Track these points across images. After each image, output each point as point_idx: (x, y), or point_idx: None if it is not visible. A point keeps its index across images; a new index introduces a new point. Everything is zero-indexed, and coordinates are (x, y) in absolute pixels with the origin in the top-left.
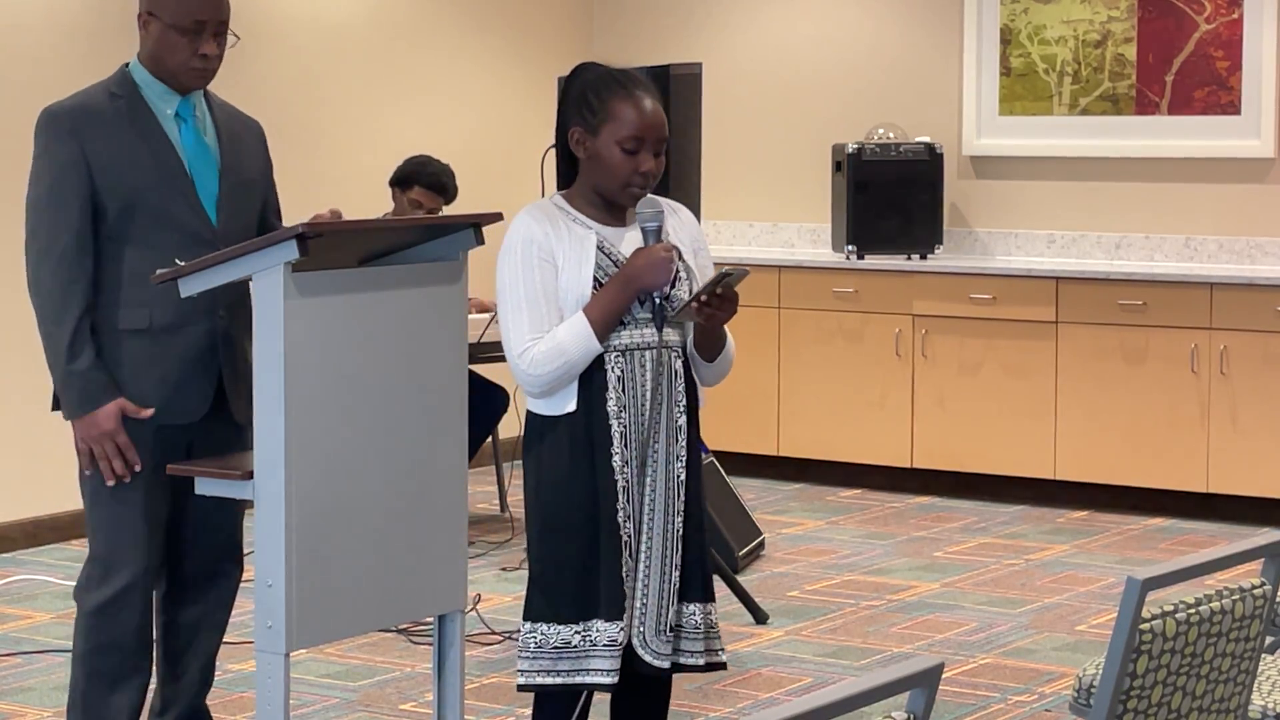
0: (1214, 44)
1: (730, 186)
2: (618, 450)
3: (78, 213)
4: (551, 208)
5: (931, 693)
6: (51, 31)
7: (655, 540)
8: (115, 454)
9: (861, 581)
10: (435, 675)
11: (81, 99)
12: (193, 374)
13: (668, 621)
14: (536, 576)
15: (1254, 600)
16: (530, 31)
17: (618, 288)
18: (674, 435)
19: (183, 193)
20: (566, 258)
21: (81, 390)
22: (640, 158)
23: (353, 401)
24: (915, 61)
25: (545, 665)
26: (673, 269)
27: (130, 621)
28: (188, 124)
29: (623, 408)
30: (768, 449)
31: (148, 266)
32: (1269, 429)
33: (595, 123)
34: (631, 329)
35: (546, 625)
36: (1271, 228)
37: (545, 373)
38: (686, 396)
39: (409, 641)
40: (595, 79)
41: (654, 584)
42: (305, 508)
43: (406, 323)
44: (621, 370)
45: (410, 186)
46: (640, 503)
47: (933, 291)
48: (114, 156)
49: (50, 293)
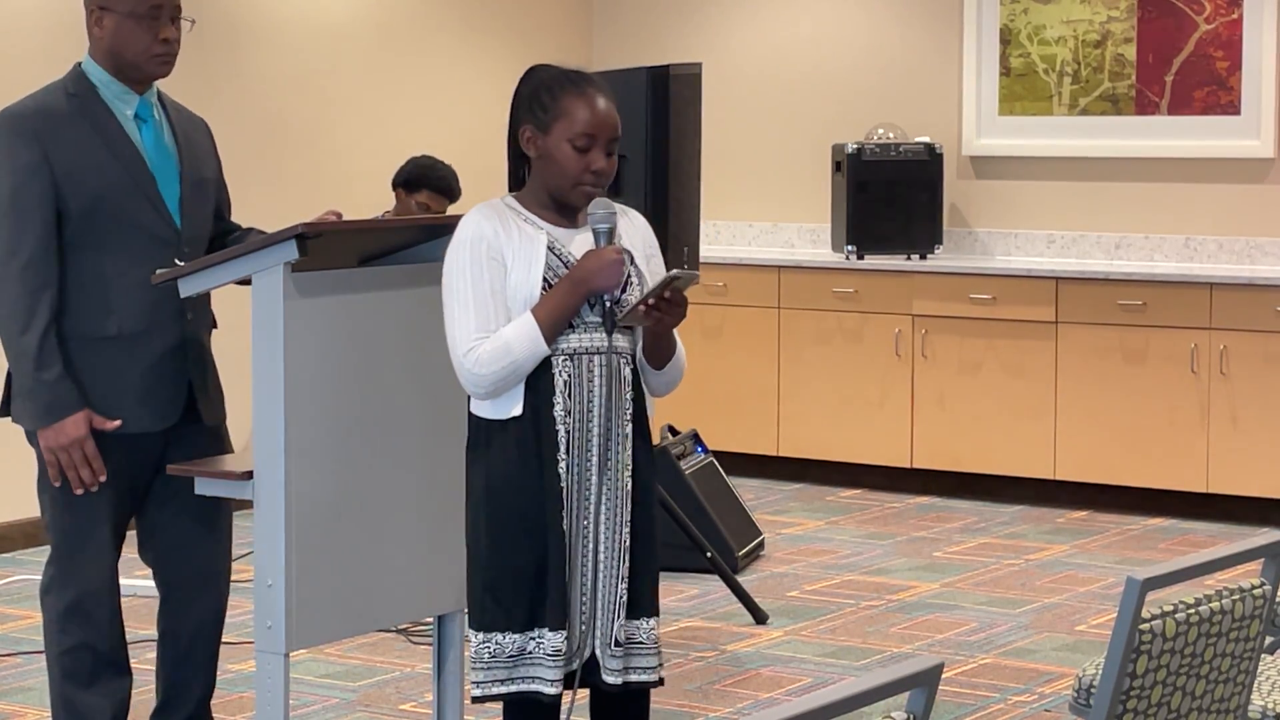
0: (1214, 44)
1: (730, 186)
2: (563, 456)
3: (41, 219)
4: (502, 207)
5: (931, 693)
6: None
7: (604, 552)
8: (83, 462)
9: (861, 581)
10: (435, 675)
11: (40, 100)
12: (163, 380)
13: (613, 636)
14: (490, 583)
15: (1254, 600)
16: (530, 32)
17: (567, 289)
18: (621, 443)
19: (147, 196)
20: (516, 257)
21: (49, 400)
22: (592, 155)
23: (352, 401)
24: (915, 61)
25: (500, 675)
26: (624, 271)
27: (100, 621)
28: (148, 125)
29: (568, 413)
30: (768, 449)
31: (112, 271)
32: (1269, 429)
33: (547, 120)
34: (580, 332)
35: (501, 634)
36: (1271, 228)
37: (490, 373)
38: (634, 405)
39: (409, 641)
40: (548, 78)
41: (604, 597)
42: (305, 507)
43: (406, 323)
44: (569, 374)
45: (418, 189)
46: (585, 511)
47: (932, 291)
48: (77, 160)
49: (15, 301)
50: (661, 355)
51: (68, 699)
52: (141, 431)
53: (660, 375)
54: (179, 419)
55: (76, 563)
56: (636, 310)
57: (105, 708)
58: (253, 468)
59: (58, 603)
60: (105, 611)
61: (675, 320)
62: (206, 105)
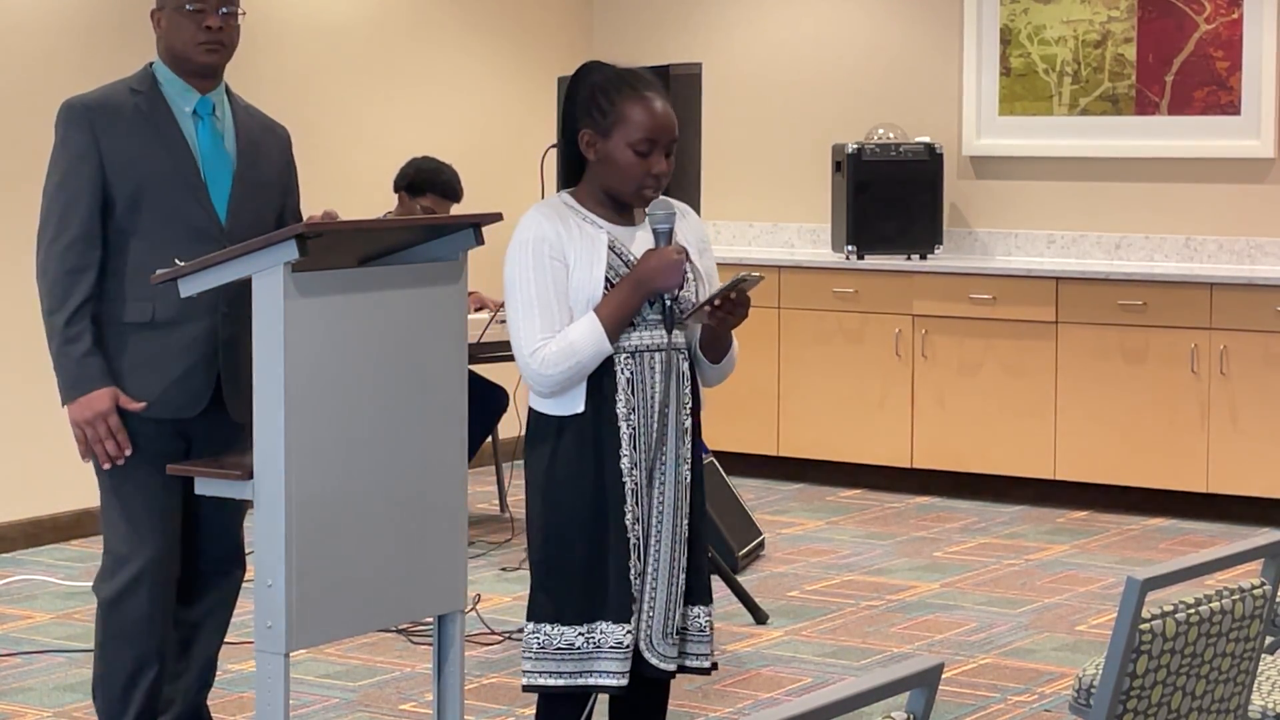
0: (1214, 44)
1: (730, 186)
2: (626, 452)
3: (87, 204)
4: (561, 206)
5: (931, 693)
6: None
7: (664, 543)
8: (107, 435)
9: (861, 581)
10: (435, 675)
11: (103, 93)
12: (192, 369)
13: (675, 624)
14: (542, 578)
15: (1254, 600)
16: (530, 31)
17: (629, 289)
18: (680, 437)
19: (193, 190)
20: (578, 257)
21: (76, 375)
22: (653, 159)
23: (353, 401)
24: (915, 61)
25: (550, 666)
26: (684, 271)
27: (137, 613)
28: (205, 122)
29: (631, 410)
30: (768, 449)
31: (153, 261)
32: (1269, 429)
33: (606, 125)
34: (641, 330)
35: (550, 626)
36: (1271, 228)
37: (556, 373)
38: (693, 399)
39: (409, 641)
40: (604, 80)
41: (662, 587)
42: (305, 508)
43: (406, 323)
44: (631, 372)
45: (422, 193)
46: (649, 505)
47: (932, 291)
48: (126, 150)
49: (55, 280)
50: (719, 350)
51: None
52: (167, 418)
53: (717, 369)
54: (205, 411)
55: (118, 553)
56: (702, 310)
57: (136, 699)
58: (253, 468)
59: (103, 592)
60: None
61: (738, 320)
62: None
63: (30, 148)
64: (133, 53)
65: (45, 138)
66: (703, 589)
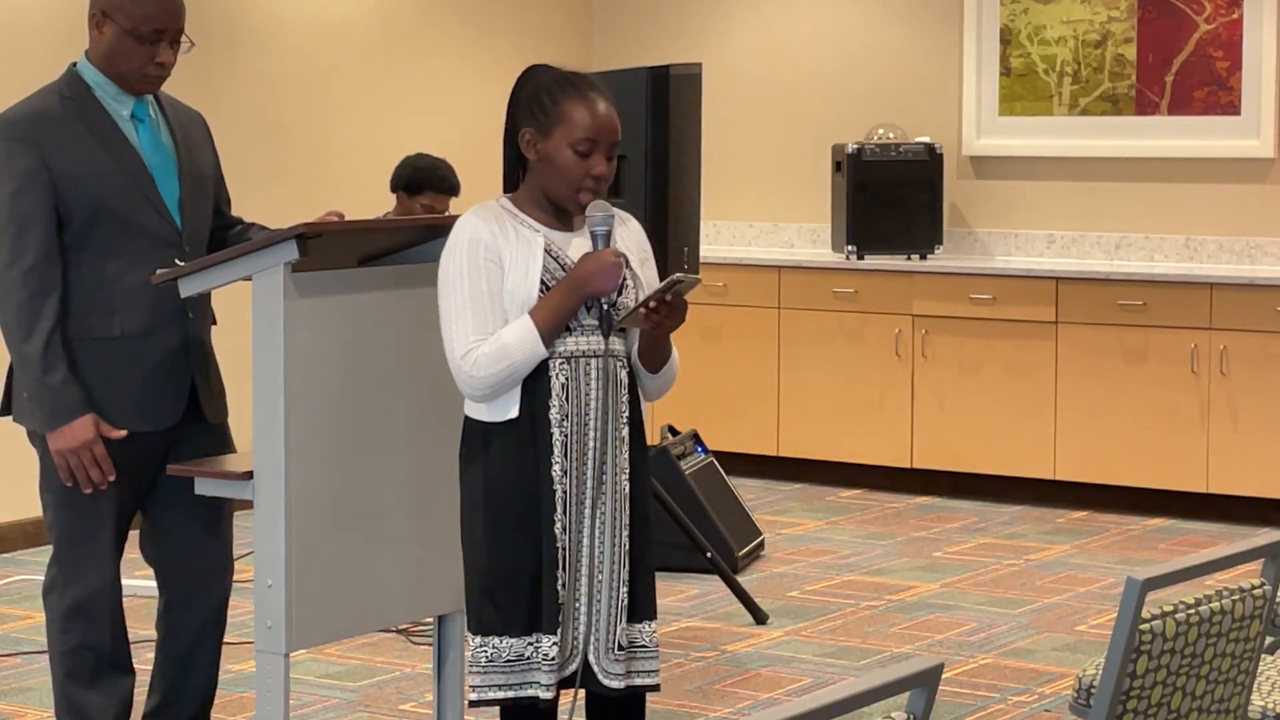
0: (1214, 44)
1: (730, 186)
2: (558, 459)
3: (42, 225)
4: (498, 209)
5: (931, 693)
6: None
7: (604, 557)
8: (92, 464)
9: (861, 582)
10: (435, 675)
11: (35, 105)
12: (166, 380)
13: (617, 640)
14: (488, 588)
15: (1254, 600)
16: (530, 32)
17: (565, 291)
18: (618, 447)
19: (147, 198)
20: (514, 260)
21: (55, 404)
22: (593, 160)
23: (352, 401)
24: (915, 61)
25: (498, 680)
26: (621, 274)
27: (102, 622)
28: (144, 124)
29: (565, 416)
30: (768, 449)
31: (114, 273)
32: (1269, 429)
33: (548, 124)
34: (577, 335)
35: (499, 639)
36: (1271, 228)
37: (487, 375)
38: (630, 408)
39: (409, 641)
40: (549, 80)
41: (603, 602)
42: (305, 508)
43: (406, 323)
44: (566, 377)
45: (420, 192)
46: (581, 515)
47: (932, 291)
48: (76, 164)
49: (20, 307)
50: (657, 359)
51: (70, 699)
52: (145, 431)
53: (655, 379)
54: (182, 418)
55: (78, 562)
56: (637, 313)
57: (108, 707)
58: (253, 468)
59: (59, 603)
60: (107, 611)
61: (674, 324)
62: (207, 105)
63: None
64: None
65: None
66: (648, 605)
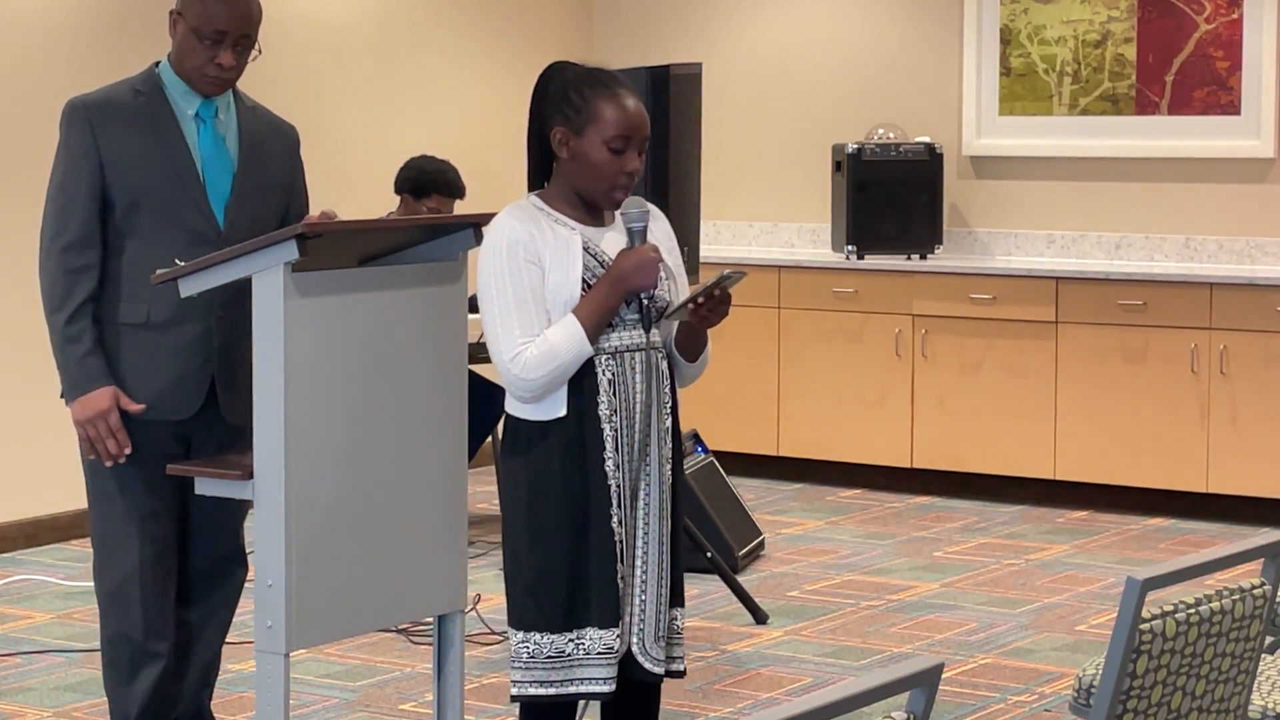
0: (1214, 44)
1: (730, 186)
2: (610, 455)
3: (86, 204)
4: (532, 209)
5: (931, 693)
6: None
7: (652, 545)
8: (108, 434)
9: (861, 581)
10: (435, 675)
11: (105, 93)
12: (186, 372)
13: (665, 627)
14: (529, 585)
15: (1254, 600)
16: (530, 32)
17: (607, 289)
18: (662, 438)
19: (190, 193)
20: (553, 259)
21: (77, 374)
22: (626, 157)
23: (352, 402)
24: (915, 61)
25: (539, 676)
26: (659, 269)
27: (132, 611)
28: (206, 125)
29: (614, 411)
30: (768, 449)
31: (150, 262)
32: (1269, 429)
33: (580, 122)
34: (620, 330)
35: (540, 635)
36: (1271, 228)
37: (537, 377)
38: (671, 397)
39: (409, 641)
40: (576, 77)
41: (651, 590)
42: (305, 508)
43: (406, 323)
44: (612, 373)
45: (427, 194)
46: (633, 507)
47: (932, 291)
48: (125, 152)
49: (55, 280)
50: (696, 349)
51: (110, 683)
52: (162, 419)
53: (693, 367)
54: (199, 412)
55: (107, 550)
56: (685, 308)
57: (138, 695)
58: (253, 468)
59: (99, 587)
60: (136, 604)
61: (719, 318)
62: None
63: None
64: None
65: (45, 137)
66: (681, 592)
